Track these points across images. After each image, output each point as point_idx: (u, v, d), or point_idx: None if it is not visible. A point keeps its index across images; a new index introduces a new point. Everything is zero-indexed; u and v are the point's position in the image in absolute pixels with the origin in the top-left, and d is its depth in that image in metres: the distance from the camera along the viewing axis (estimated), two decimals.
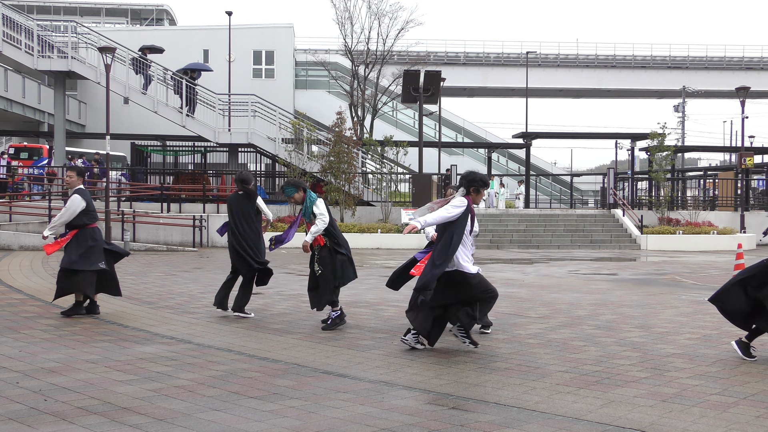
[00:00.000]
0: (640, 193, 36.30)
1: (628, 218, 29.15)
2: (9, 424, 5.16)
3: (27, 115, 41.81)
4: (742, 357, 7.57)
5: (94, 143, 41.92)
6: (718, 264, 20.26)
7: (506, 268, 18.50)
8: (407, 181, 31.30)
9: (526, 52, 58.16)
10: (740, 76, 62.18)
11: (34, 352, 7.61)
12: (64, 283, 9.86)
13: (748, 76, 62.46)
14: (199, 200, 28.52)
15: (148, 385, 6.33)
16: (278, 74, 51.49)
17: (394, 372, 6.92)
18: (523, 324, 9.79)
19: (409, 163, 33.54)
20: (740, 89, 31.47)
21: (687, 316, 10.58)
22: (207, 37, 50.86)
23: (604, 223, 29.72)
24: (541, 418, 5.45)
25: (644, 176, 37.41)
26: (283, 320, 9.91)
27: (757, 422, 5.41)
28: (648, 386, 6.45)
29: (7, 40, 29.62)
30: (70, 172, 10.37)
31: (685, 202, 35.42)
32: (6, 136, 45.75)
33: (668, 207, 31.37)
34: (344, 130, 29.22)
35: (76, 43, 31.99)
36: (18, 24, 30.53)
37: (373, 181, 32.42)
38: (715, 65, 65.70)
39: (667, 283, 15.19)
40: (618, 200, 31.32)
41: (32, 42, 30.54)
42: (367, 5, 46.06)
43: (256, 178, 32.69)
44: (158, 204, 27.19)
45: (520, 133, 41.06)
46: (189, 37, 51.28)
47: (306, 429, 5.12)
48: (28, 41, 30.52)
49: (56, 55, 31.06)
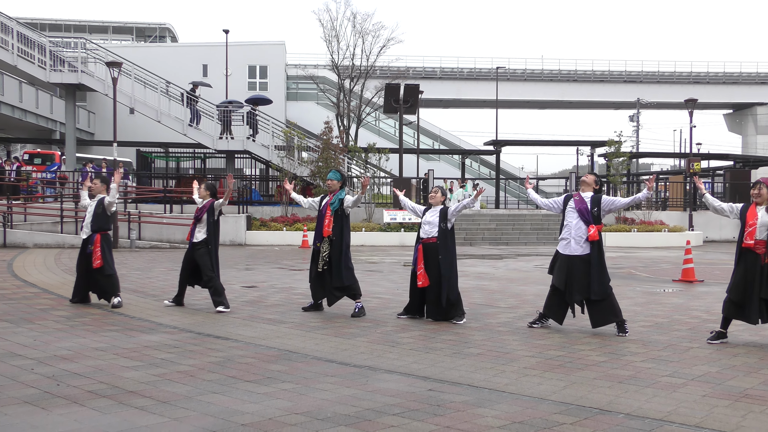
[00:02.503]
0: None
1: None
2: (25, 407, 5.13)
3: (40, 124, 41.50)
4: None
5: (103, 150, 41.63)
6: (669, 259, 20.43)
7: (478, 263, 18.56)
8: (389, 184, 31.30)
9: (496, 68, 58.31)
10: (689, 89, 62.70)
11: (48, 341, 7.56)
12: (110, 285, 9.97)
13: (696, 89, 63.01)
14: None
15: (152, 370, 6.30)
16: (271, 87, 51.34)
17: (377, 358, 6.93)
18: (494, 314, 9.83)
19: (391, 168, 33.58)
20: (689, 101, 31.72)
21: (641, 306, 10.66)
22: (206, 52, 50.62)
23: None
24: (510, 399, 5.48)
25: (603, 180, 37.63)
26: (276, 311, 9.90)
27: (703, 401, 5.47)
28: (606, 369, 6.50)
29: (21, 56, 29.42)
30: (96, 180, 10.34)
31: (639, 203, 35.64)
32: (21, 143, 45.47)
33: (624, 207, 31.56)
34: (331, 138, 29.19)
35: (85, 58, 31.86)
36: (32, 40, 30.32)
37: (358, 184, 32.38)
38: (666, 79, 66.22)
39: (624, 276, 15.29)
40: None
41: (45, 57, 30.33)
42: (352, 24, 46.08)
43: (252, 182, 32.65)
44: (161, 205, 27.08)
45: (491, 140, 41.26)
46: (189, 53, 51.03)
47: (297, 409, 5.12)
48: (41, 56, 30.31)
49: (67, 69, 30.84)
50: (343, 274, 9.34)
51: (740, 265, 7.60)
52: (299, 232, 24.84)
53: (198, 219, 9.99)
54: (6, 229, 22.24)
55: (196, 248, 9.95)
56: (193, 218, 10.15)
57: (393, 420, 4.89)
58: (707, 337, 7.90)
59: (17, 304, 10.20)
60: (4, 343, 7.42)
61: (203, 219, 9.95)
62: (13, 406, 5.16)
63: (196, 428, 4.68)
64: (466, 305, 9.67)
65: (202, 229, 9.97)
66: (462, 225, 28.32)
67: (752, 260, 7.48)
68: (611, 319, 8.22)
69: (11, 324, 8.57)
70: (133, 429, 4.65)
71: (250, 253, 20.82)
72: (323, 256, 9.37)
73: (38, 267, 15.74)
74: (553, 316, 8.54)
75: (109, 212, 10.11)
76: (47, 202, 27.00)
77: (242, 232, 25.17)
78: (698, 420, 4.98)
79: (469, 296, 11.11)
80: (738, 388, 5.85)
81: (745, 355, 7.19)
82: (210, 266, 9.82)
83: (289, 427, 4.71)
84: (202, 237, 9.95)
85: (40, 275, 14.16)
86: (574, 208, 8.39)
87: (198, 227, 9.99)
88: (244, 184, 31.53)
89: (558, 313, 8.50)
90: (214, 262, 9.93)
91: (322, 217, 9.48)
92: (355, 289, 9.47)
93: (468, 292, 11.47)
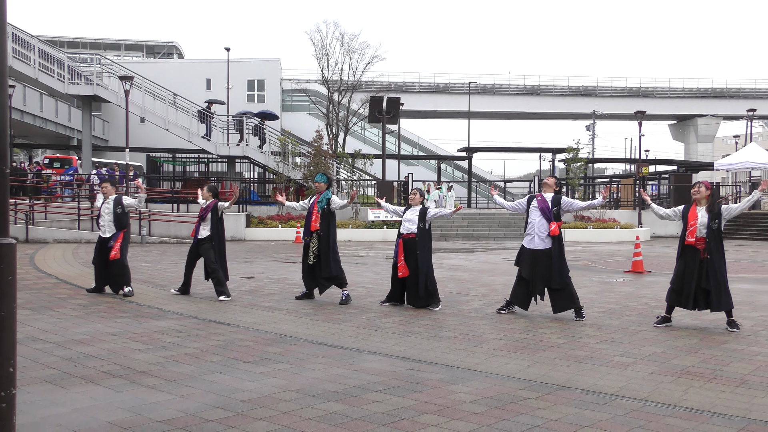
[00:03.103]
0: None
1: None
2: (45, 386, 5.08)
3: (59, 131, 41.12)
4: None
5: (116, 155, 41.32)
6: (620, 252, 20.57)
7: (452, 256, 18.60)
8: (373, 186, 31.27)
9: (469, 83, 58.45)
10: (638, 102, 63.22)
11: (66, 327, 7.49)
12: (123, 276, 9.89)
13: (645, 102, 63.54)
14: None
15: (161, 352, 6.26)
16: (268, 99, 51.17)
17: (363, 340, 6.93)
18: (466, 301, 9.85)
19: (375, 171, 33.59)
20: (638, 113, 31.93)
21: (596, 294, 10.72)
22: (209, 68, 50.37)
23: None
24: (480, 377, 5.50)
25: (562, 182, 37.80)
26: (272, 299, 9.87)
27: (650, 377, 5.51)
28: (565, 350, 6.53)
29: (42, 70, 29.15)
30: (105, 184, 10.25)
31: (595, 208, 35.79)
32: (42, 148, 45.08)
33: None
34: (322, 145, 29.14)
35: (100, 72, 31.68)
36: (52, 56, 30.05)
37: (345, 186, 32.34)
38: (619, 93, 66.62)
39: (581, 268, 15.37)
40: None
41: (64, 71, 30.07)
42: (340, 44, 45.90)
43: (251, 184, 32.51)
44: (169, 205, 26.93)
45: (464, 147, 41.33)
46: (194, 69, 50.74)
47: (291, 387, 5.11)
48: (60, 70, 30.04)
49: (83, 82, 30.58)
50: (331, 266, 9.37)
51: (681, 259, 7.67)
52: (293, 229, 24.77)
53: (202, 218, 9.95)
54: (28, 226, 22.01)
55: (201, 244, 9.91)
56: (197, 217, 10.10)
57: (376, 396, 4.89)
58: (654, 322, 7.96)
59: (38, 294, 10.09)
60: (27, 328, 7.34)
61: (207, 218, 9.91)
62: (35, 385, 5.12)
63: (200, 404, 4.66)
64: (442, 294, 9.69)
65: (206, 227, 9.93)
66: (438, 222, 28.34)
67: (692, 255, 7.56)
68: (570, 306, 8.28)
69: (33, 311, 8.49)
70: (144, 405, 4.62)
71: (249, 248, 20.73)
72: (313, 250, 9.40)
73: (57, 260, 15.58)
74: (518, 304, 8.57)
75: (128, 210, 10.14)
76: (65, 202, 26.75)
77: (242, 229, 25.05)
78: (646, 394, 5.02)
79: (444, 286, 11.12)
80: (681, 366, 5.90)
81: (687, 337, 7.26)
82: (213, 259, 9.78)
83: (284, 403, 4.70)
84: (206, 234, 9.90)
85: (59, 268, 14.02)
86: (537, 207, 8.42)
87: (202, 225, 9.95)
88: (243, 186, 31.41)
89: (523, 300, 8.53)
90: (218, 256, 9.88)
91: (310, 213, 9.52)
92: (342, 279, 9.50)
93: (443, 282, 11.48)
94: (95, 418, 4.33)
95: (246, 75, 50.57)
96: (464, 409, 4.62)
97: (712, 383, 5.35)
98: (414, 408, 4.62)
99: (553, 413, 4.54)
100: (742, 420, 4.45)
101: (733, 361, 6.12)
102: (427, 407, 4.64)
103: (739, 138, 45.94)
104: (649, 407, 4.71)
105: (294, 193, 30.30)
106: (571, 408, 4.66)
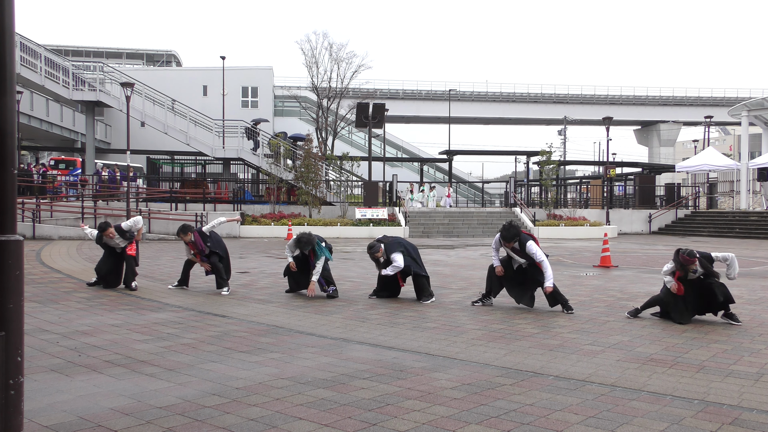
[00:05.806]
0: (534, 195, 36.86)
1: (524, 214, 29.53)
2: (51, 374, 5.03)
3: (64, 134, 40.74)
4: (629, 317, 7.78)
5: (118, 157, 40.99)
6: (590, 248, 20.69)
7: (434, 252, 18.62)
8: (360, 186, 31.24)
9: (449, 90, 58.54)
10: (606, 108, 63.64)
11: (71, 319, 7.42)
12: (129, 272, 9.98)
13: (612, 109, 63.97)
14: (200, 201, 28.11)
15: (160, 343, 6.22)
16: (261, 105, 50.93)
17: (350, 331, 6.92)
18: (447, 294, 9.87)
19: (361, 173, 33.54)
20: (606, 119, 32.13)
21: (567, 287, 10.75)
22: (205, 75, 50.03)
23: (506, 218, 29.95)
24: (460, 365, 5.51)
25: (536, 183, 37.92)
26: (265, 293, 9.82)
27: (617, 364, 5.55)
28: (539, 339, 6.56)
29: (48, 77, 28.85)
30: (109, 230, 10.04)
31: (566, 202, 36.08)
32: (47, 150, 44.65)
33: (554, 206, 31.93)
34: (312, 148, 29.06)
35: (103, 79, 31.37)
36: (57, 64, 29.74)
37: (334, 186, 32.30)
38: (588, 101, 67.06)
39: (553, 262, 15.41)
40: (517, 201, 31.73)
41: (68, 78, 29.81)
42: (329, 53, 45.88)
43: (245, 185, 32.37)
44: (168, 204, 26.76)
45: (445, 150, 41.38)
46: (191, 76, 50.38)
47: (283, 375, 5.09)
48: (65, 77, 29.76)
49: (87, 89, 30.30)
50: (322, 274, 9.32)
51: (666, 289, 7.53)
52: (284, 227, 24.70)
53: (202, 252, 9.70)
54: (35, 224, 21.78)
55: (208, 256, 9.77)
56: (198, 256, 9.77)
57: (363, 383, 4.89)
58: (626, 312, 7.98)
59: (45, 287, 9.99)
60: (33, 320, 7.26)
61: (206, 248, 9.68)
62: (41, 373, 5.06)
63: (197, 391, 4.63)
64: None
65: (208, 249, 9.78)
66: (420, 220, 28.42)
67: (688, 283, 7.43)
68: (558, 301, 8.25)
69: (39, 304, 8.39)
70: (144, 392, 4.58)
71: (243, 245, 20.64)
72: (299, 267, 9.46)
73: (62, 256, 15.42)
74: (494, 293, 8.62)
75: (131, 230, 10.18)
76: (70, 201, 26.50)
77: (236, 227, 24.94)
78: (613, 380, 5.05)
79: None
80: (645, 354, 5.94)
81: (651, 326, 7.31)
82: (217, 259, 9.73)
83: (277, 390, 4.68)
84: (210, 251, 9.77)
85: (64, 263, 13.88)
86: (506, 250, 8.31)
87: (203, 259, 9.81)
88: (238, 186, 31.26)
89: (497, 289, 8.59)
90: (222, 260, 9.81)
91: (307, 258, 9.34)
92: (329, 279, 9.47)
93: None
94: (98, 405, 4.29)
95: (240, 82, 50.30)
96: (445, 395, 4.62)
97: (674, 369, 5.39)
98: (398, 394, 4.61)
99: (528, 398, 4.56)
100: (700, 403, 4.50)
101: (692, 348, 6.17)
102: (410, 393, 4.64)
103: (697, 142, 46.30)
104: (617, 392, 4.74)
105: (285, 194, 30.23)
106: (544, 393, 4.68)
